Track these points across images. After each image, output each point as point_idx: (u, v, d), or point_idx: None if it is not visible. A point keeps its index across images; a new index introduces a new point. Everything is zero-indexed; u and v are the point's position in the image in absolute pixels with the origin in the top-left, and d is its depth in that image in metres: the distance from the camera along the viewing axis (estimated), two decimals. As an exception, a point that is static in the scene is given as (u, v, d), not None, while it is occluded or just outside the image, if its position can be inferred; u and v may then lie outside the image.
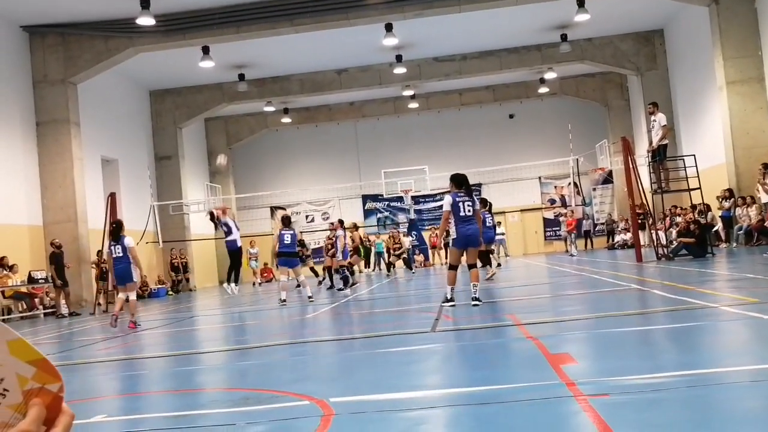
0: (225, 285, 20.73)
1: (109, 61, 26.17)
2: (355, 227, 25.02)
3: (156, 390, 7.10)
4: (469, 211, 11.58)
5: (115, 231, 14.09)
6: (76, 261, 23.77)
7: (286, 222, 17.62)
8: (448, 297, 11.80)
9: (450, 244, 12.32)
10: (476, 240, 11.75)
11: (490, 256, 19.54)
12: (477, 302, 11.43)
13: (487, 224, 17.42)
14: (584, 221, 38.67)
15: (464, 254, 11.78)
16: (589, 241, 38.79)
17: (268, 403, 5.53)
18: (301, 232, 19.28)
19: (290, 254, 17.24)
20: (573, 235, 33.21)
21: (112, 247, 13.93)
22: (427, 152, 40.15)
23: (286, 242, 16.89)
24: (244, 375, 7.41)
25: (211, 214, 22.21)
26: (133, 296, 14.11)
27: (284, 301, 16.56)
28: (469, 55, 33.62)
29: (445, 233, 14.96)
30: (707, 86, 27.19)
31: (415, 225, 37.70)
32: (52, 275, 21.71)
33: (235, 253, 21.16)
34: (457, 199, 11.61)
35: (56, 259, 21.75)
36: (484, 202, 18.20)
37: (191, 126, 37.00)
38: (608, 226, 39.00)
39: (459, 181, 11.84)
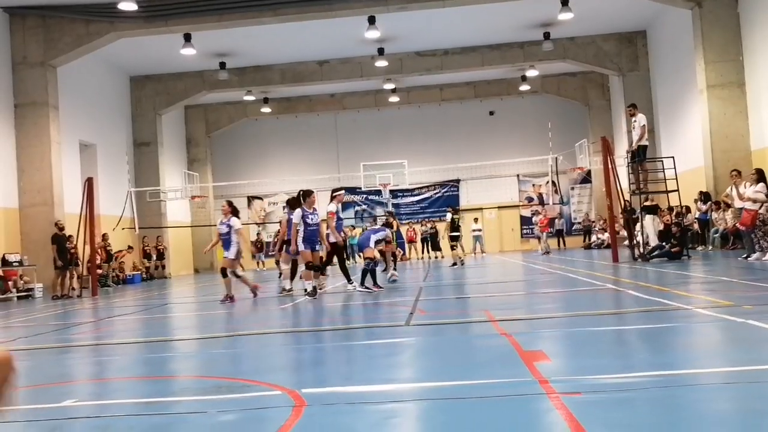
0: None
1: (90, 45, 25.96)
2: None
3: (127, 376, 7.04)
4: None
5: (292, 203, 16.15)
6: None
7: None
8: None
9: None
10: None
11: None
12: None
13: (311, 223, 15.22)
14: (557, 220, 38.72)
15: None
16: (561, 240, 38.85)
17: (240, 392, 5.52)
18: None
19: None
20: (545, 234, 33.28)
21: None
22: (406, 146, 40.24)
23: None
24: (217, 363, 7.36)
25: None
26: (286, 266, 16.58)
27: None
28: (451, 51, 33.61)
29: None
30: (688, 89, 27.31)
31: (393, 218, 37.66)
32: (54, 256, 21.47)
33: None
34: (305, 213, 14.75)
35: (58, 241, 21.54)
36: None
37: (171, 113, 36.84)
38: (585, 225, 39.19)
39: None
